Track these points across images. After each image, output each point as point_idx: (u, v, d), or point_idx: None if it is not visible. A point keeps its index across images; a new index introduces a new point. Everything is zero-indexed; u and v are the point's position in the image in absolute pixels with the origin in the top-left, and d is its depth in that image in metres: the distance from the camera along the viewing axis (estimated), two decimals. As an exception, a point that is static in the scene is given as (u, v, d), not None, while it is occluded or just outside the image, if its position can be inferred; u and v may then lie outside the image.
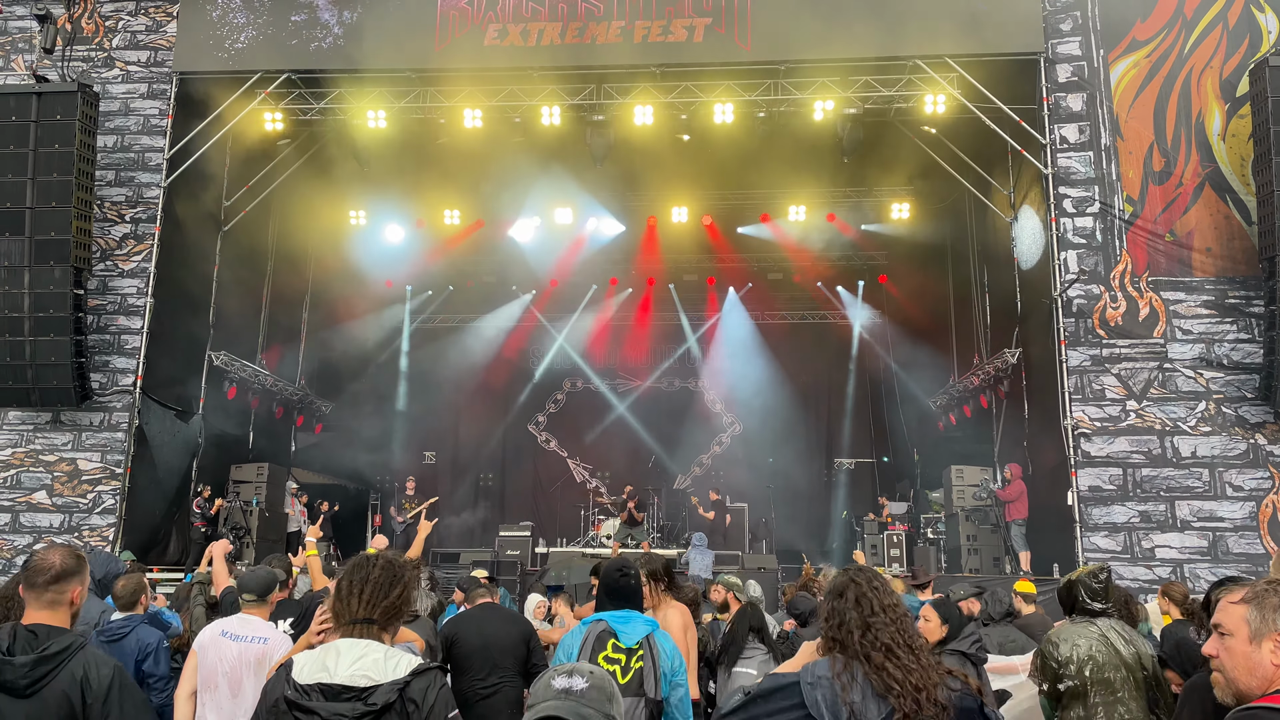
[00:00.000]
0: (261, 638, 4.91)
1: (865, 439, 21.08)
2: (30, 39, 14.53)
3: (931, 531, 16.23)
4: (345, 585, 3.00)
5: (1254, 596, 2.49)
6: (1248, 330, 12.57)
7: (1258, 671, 2.44)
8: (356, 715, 2.71)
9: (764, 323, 21.45)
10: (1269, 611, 2.43)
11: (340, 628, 2.96)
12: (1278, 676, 2.40)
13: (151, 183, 14.32)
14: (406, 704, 2.75)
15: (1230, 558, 11.88)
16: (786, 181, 18.22)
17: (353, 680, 2.77)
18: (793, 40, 13.71)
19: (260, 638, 4.91)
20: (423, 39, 14.12)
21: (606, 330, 22.15)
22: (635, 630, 4.10)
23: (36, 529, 13.34)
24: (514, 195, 18.24)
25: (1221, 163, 13.02)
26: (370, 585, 2.97)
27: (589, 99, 14.47)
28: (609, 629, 4.08)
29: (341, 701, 2.74)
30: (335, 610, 3.00)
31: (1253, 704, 2.39)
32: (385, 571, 3.01)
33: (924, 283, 19.21)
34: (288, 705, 2.76)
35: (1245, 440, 12.31)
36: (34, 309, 12.88)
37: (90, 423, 13.63)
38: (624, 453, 21.13)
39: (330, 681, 2.77)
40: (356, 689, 2.75)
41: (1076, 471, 12.47)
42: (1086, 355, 12.78)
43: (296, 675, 2.81)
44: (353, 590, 2.97)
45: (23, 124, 12.86)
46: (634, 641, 4.06)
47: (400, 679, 2.78)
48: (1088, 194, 13.21)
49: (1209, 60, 13.26)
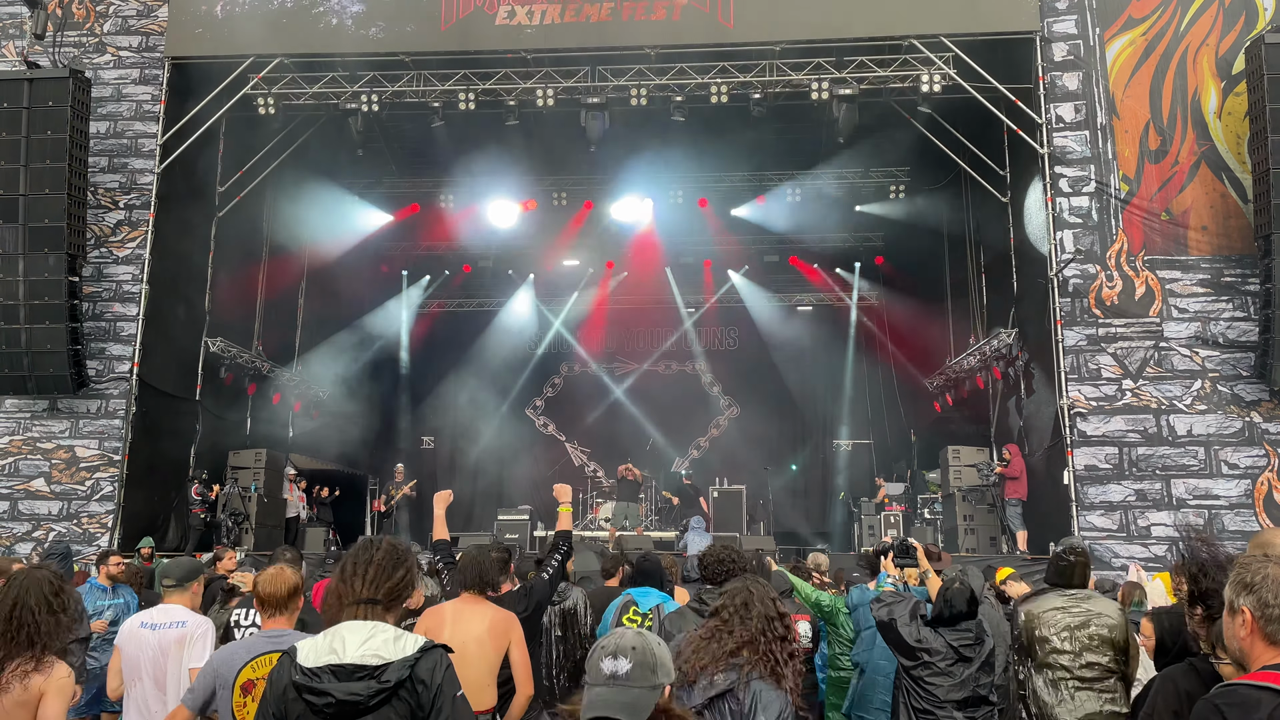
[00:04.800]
0: (179, 621, 4.77)
1: (862, 420, 21.11)
2: (21, 25, 14.42)
3: (929, 512, 16.28)
4: (349, 566, 3.00)
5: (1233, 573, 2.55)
6: (1243, 308, 12.58)
7: (1233, 644, 2.50)
8: (371, 694, 2.72)
9: (760, 305, 21.44)
10: (1238, 587, 2.48)
11: (344, 609, 2.96)
12: (1252, 650, 2.43)
13: (145, 169, 14.26)
14: (415, 683, 2.76)
15: (1226, 536, 11.91)
16: (782, 163, 18.20)
17: (364, 660, 2.76)
18: (779, 19, 13.67)
19: (178, 622, 4.77)
20: (426, 19, 14.06)
21: (603, 314, 22.15)
22: (649, 601, 5.41)
23: (35, 516, 13.36)
24: (509, 178, 18.18)
25: (1217, 141, 13.00)
26: (374, 566, 2.97)
27: (583, 80, 14.42)
28: (631, 599, 5.45)
29: (355, 681, 2.74)
30: (339, 591, 3.00)
31: (1235, 680, 2.43)
32: (389, 554, 3.02)
33: (920, 263, 19.20)
34: (297, 690, 2.76)
35: (1241, 418, 12.35)
36: (29, 296, 12.85)
37: (87, 410, 13.63)
38: (621, 436, 21.16)
39: (341, 662, 2.77)
40: (369, 668, 2.75)
41: (1073, 451, 12.50)
42: (1082, 335, 12.80)
43: (303, 660, 2.79)
44: (356, 571, 2.98)
45: (14, 110, 12.81)
46: (647, 609, 5.34)
47: (410, 656, 2.78)
48: (1084, 173, 13.19)
49: (1205, 38, 13.21)
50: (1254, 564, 2.48)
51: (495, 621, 4.60)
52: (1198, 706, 2.45)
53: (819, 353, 21.40)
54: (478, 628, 4.53)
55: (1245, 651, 2.45)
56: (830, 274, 21.24)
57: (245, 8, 14.27)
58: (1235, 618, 2.46)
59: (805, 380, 21.59)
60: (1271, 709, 2.25)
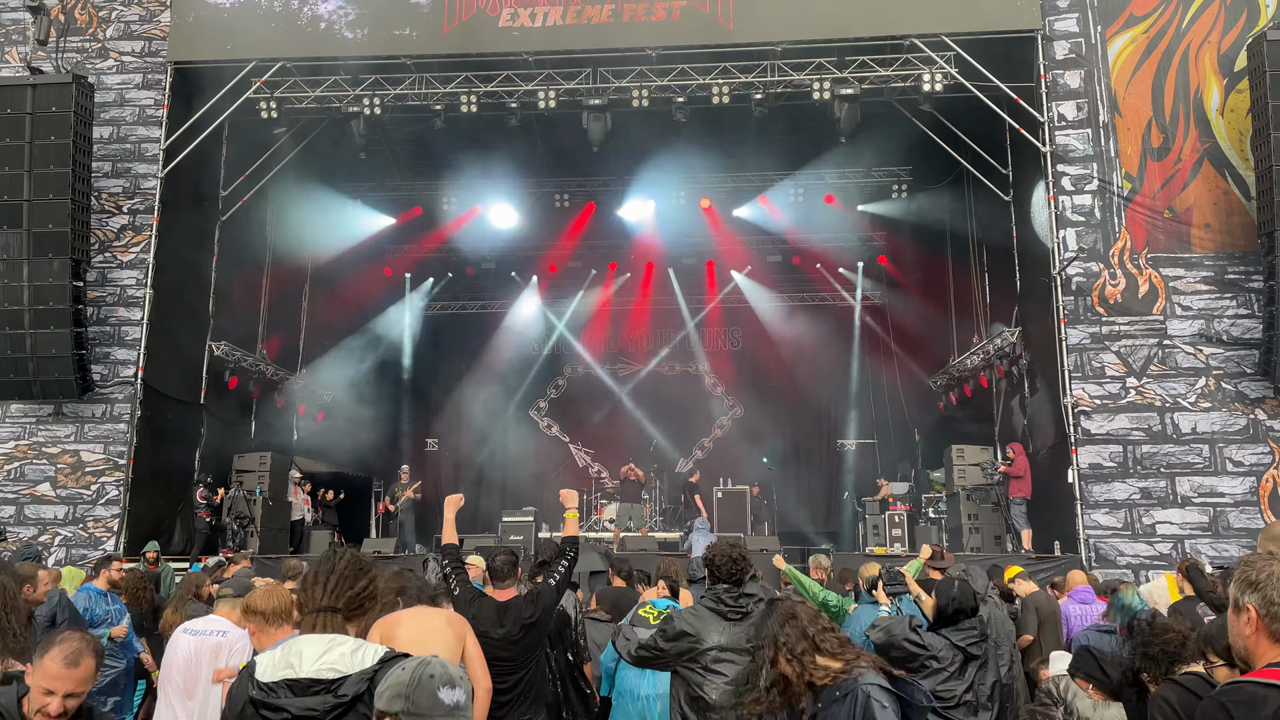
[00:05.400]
0: (221, 631, 4.76)
1: (866, 420, 21.10)
2: (24, 31, 14.47)
3: (933, 511, 16.28)
4: (311, 575, 3.00)
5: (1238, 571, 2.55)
6: (1247, 305, 12.57)
7: (1238, 642, 2.51)
8: (327, 709, 2.65)
9: (763, 305, 21.43)
10: (1242, 585, 2.49)
11: (304, 617, 2.94)
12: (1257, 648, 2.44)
13: (148, 173, 14.30)
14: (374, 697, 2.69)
15: (1231, 533, 11.92)
16: (784, 163, 18.20)
17: (320, 674, 2.70)
18: (779, 19, 13.69)
19: (220, 631, 4.75)
20: (429, 22, 14.09)
21: (606, 315, 22.16)
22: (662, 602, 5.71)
23: (41, 521, 13.39)
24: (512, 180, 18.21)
25: (1220, 138, 12.98)
26: (335, 575, 2.96)
27: (585, 82, 14.43)
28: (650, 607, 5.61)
29: (311, 695, 2.67)
30: (300, 600, 2.98)
31: (1240, 678, 2.43)
32: (351, 563, 3.01)
33: (923, 262, 19.20)
34: (254, 706, 2.68)
35: (1245, 415, 12.33)
36: (34, 302, 12.88)
37: (92, 414, 13.66)
38: (625, 437, 21.16)
39: (297, 676, 2.70)
40: (325, 681, 2.69)
41: (1077, 449, 12.49)
42: (1086, 333, 12.79)
43: (260, 675, 2.75)
44: (317, 580, 2.97)
45: (18, 116, 12.84)
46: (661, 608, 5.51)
47: (369, 668, 2.70)
48: (1086, 171, 13.18)
49: (1207, 35, 13.20)
50: (1258, 562, 2.48)
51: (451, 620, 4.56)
52: (1203, 705, 2.46)
53: (822, 353, 21.37)
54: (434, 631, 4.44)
55: (1250, 649, 2.45)
56: (833, 274, 21.22)
57: (248, 11, 14.31)
58: (1240, 616, 2.47)
59: (809, 380, 21.56)
60: (1277, 706, 2.26)
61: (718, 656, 4.50)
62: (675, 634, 4.59)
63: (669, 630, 4.63)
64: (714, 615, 4.62)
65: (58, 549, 13.18)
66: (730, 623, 4.59)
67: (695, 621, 4.61)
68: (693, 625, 4.59)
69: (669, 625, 4.67)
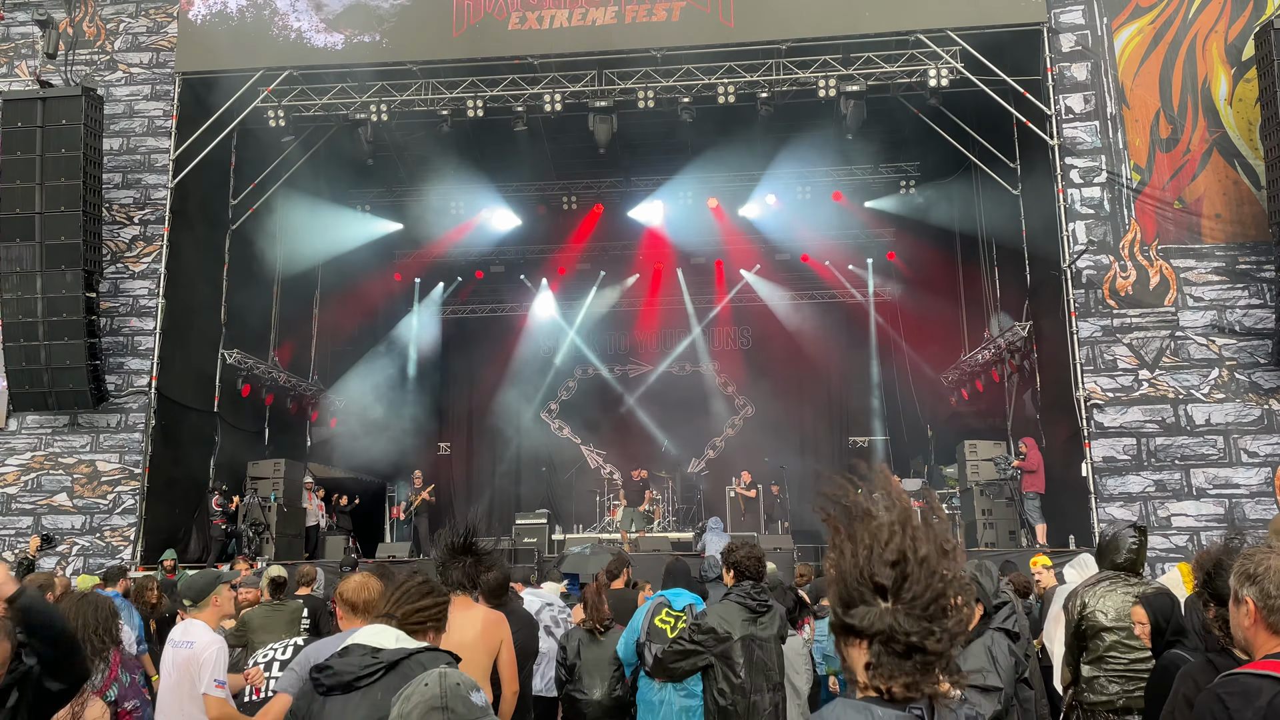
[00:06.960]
0: (188, 642, 4.70)
1: (878, 417, 21.07)
2: (33, 45, 14.58)
3: (947, 507, 16.23)
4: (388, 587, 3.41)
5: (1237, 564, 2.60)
6: (1259, 295, 12.50)
7: (1238, 634, 2.57)
8: (363, 666, 2.93)
9: (773, 304, 21.42)
10: (1241, 577, 2.54)
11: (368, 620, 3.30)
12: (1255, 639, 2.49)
13: (159, 184, 14.38)
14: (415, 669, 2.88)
15: (1247, 524, 11.84)
16: (791, 161, 18.18)
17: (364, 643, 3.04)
18: (780, 17, 13.68)
19: (187, 642, 4.70)
20: (438, 27, 14.13)
21: (615, 316, 22.20)
22: (681, 600, 5.62)
23: (58, 531, 13.47)
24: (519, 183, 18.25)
25: (1229, 128, 12.93)
26: (401, 590, 3.29)
27: (590, 84, 14.46)
28: (665, 600, 5.60)
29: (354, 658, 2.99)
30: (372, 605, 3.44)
31: (1237, 669, 2.48)
32: (420, 584, 3.33)
33: (932, 258, 19.14)
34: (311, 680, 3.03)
35: (1259, 406, 12.27)
36: (47, 313, 12.98)
37: (107, 424, 13.75)
38: (636, 438, 21.19)
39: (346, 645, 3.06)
40: (368, 648, 3.01)
41: (1090, 442, 12.46)
42: (1097, 326, 12.75)
43: None
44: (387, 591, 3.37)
45: (28, 130, 12.93)
46: (680, 608, 5.54)
47: (410, 648, 3.00)
48: (1094, 164, 13.14)
49: (1213, 24, 13.14)
50: (1257, 555, 2.53)
51: (487, 624, 4.59)
52: (1200, 696, 2.52)
53: (832, 350, 21.36)
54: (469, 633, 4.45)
55: (1249, 640, 2.51)
56: (842, 270, 21.20)
57: (256, 21, 14.38)
58: (1239, 608, 2.52)
59: (820, 378, 21.55)
60: (1272, 696, 2.30)
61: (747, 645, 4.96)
62: (708, 629, 4.96)
63: (702, 624, 5.01)
64: (741, 609, 5.02)
65: (75, 559, 13.28)
66: (756, 615, 5.04)
67: (725, 616, 5.02)
68: (721, 623, 5.00)
69: (702, 620, 5.05)
